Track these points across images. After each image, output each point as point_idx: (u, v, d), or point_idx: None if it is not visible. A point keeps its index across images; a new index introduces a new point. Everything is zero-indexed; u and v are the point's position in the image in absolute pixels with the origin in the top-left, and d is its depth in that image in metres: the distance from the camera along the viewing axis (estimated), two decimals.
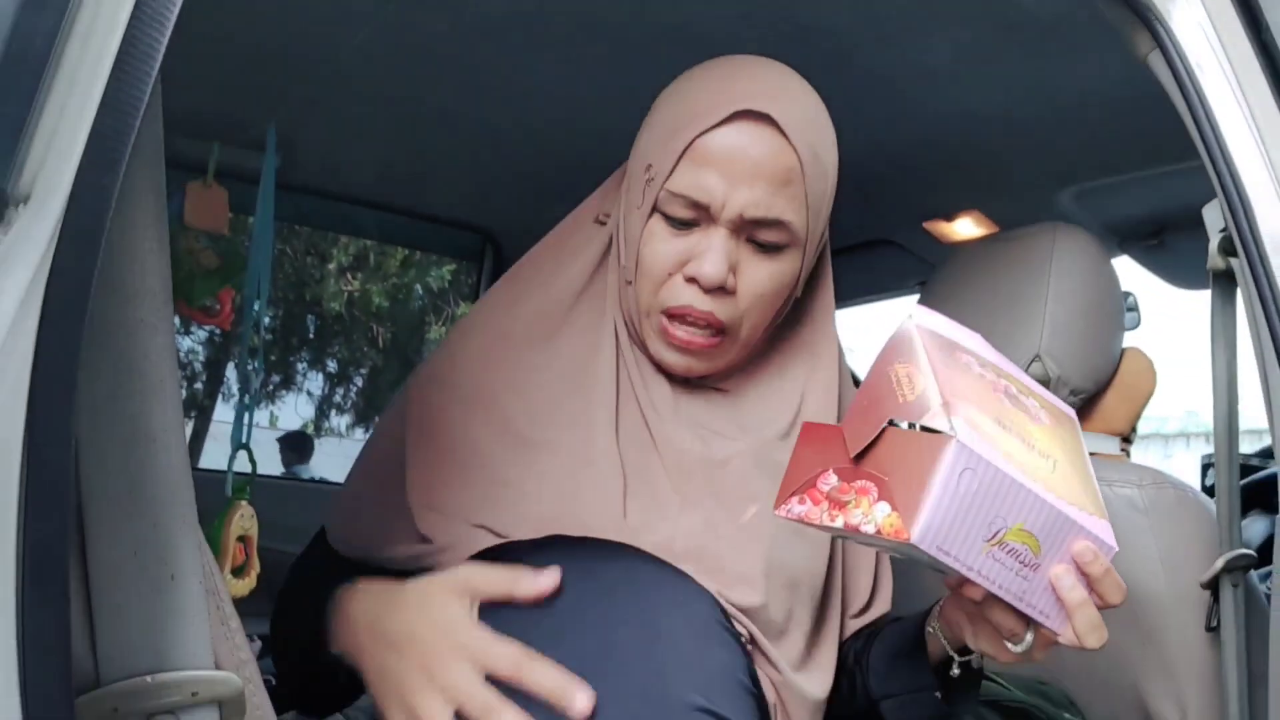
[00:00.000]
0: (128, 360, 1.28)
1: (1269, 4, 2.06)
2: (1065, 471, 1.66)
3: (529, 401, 2.06)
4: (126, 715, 1.27)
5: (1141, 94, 2.21)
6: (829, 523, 1.62)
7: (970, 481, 1.51)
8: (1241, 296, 2.07)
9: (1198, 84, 2.07)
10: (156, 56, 1.18)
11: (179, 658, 1.31)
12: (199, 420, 6.16)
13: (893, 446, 1.59)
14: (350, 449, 9.94)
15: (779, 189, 1.95)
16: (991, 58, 2.70)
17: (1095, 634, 1.65)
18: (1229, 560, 2.13)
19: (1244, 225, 2.00)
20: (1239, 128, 2.04)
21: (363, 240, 7.83)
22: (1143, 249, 3.61)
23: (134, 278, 1.28)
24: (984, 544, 1.55)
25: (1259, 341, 2.01)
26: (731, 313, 1.98)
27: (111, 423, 1.27)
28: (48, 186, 1.09)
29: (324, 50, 2.87)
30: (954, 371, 1.63)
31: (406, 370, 9.63)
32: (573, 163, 3.36)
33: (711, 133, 1.94)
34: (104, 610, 1.27)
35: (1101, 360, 2.66)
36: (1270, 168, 2.01)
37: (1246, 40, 2.06)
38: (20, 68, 1.06)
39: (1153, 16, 2.08)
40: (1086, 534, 1.62)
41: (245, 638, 1.45)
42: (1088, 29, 2.31)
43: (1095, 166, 3.24)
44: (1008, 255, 2.73)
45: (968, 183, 3.48)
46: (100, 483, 1.26)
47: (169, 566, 1.30)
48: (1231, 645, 2.13)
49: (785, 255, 2.01)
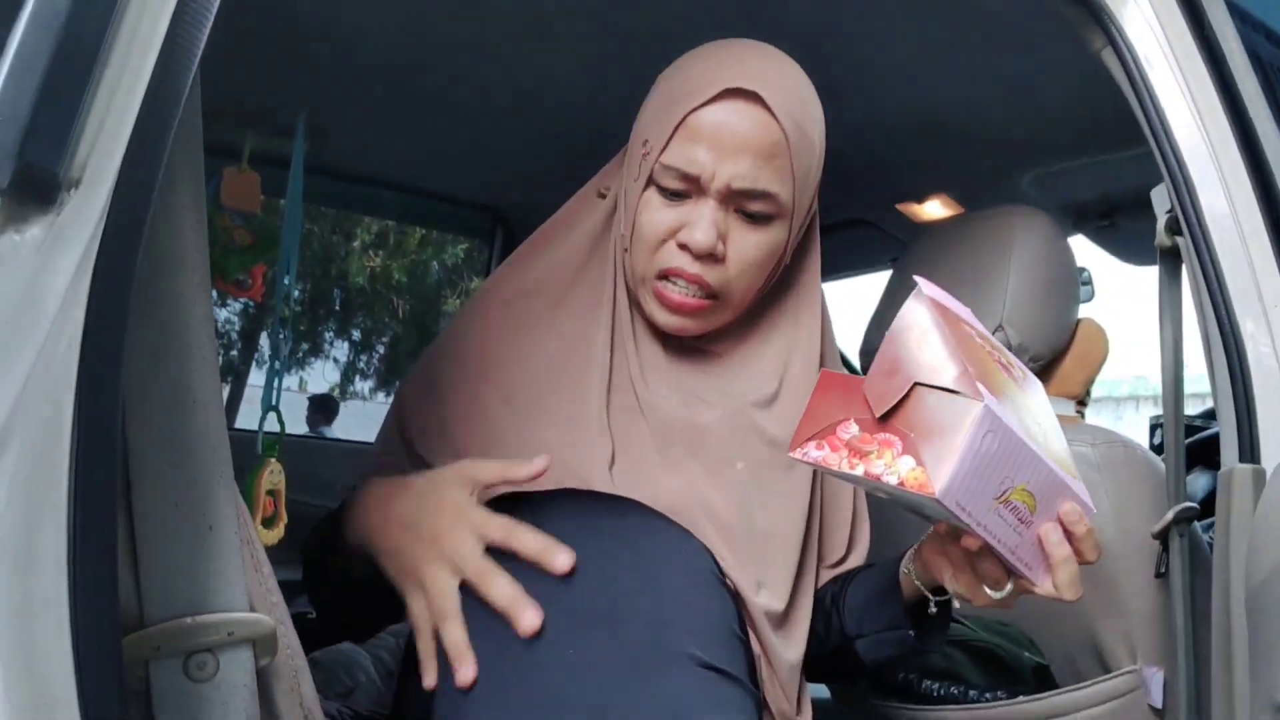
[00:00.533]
0: (170, 329, 1.29)
1: (1211, 4, 2.07)
2: (1050, 434, 1.67)
3: (530, 368, 2.07)
4: (168, 653, 1.28)
5: (1095, 87, 2.22)
6: (848, 470, 1.62)
7: (991, 443, 1.51)
8: (1186, 272, 2.09)
9: (1146, 77, 2.08)
10: (196, 52, 1.19)
11: (216, 601, 1.31)
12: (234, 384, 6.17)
13: (919, 406, 1.59)
14: (373, 411, 9.94)
15: (765, 162, 1.96)
16: (958, 54, 2.71)
17: (1074, 588, 1.66)
18: (1176, 513, 2.13)
19: (1188, 207, 2.01)
20: (1184, 117, 2.05)
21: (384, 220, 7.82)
22: (1096, 228, 3.62)
23: (175, 254, 1.29)
24: (993, 501, 1.56)
25: (1202, 312, 2.03)
26: (720, 278, 1.98)
27: (155, 386, 1.28)
28: (97, 171, 1.09)
29: (349, 46, 2.88)
30: (963, 340, 1.63)
31: (424, 339, 9.61)
32: (576, 148, 3.35)
33: (702, 109, 1.95)
34: (148, 557, 1.28)
35: (1058, 330, 2.67)
36: (1213, 154, 2.02)
37: (1191, 37, 2.08)
38: (71, 63, 1.06)
39: (1105, 16, 2.10)
40: (1073, 496, 1.64)
41: (276, 583, 1.46)
42: (1046, 27, 2.32)
43: (1052, 153, 3.25)
44: (973, 234, 2.73)
45: (937, 168, 3.48)
46: (145, 441, 1.27)
47: (207, 518, 1.31)
48: (1178, 589, 2.14)
49: (773, 225, 2.01)
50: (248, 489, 1.98)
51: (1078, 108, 2.82)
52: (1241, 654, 1.88)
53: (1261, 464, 1.91)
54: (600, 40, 2.78)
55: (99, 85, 1.10)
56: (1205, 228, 2.00)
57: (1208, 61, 2.07)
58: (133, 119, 1.12)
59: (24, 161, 1.01)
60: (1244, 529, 1.88)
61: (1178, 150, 2.04)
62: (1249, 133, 2.03)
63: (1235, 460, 1.94)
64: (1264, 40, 2.17)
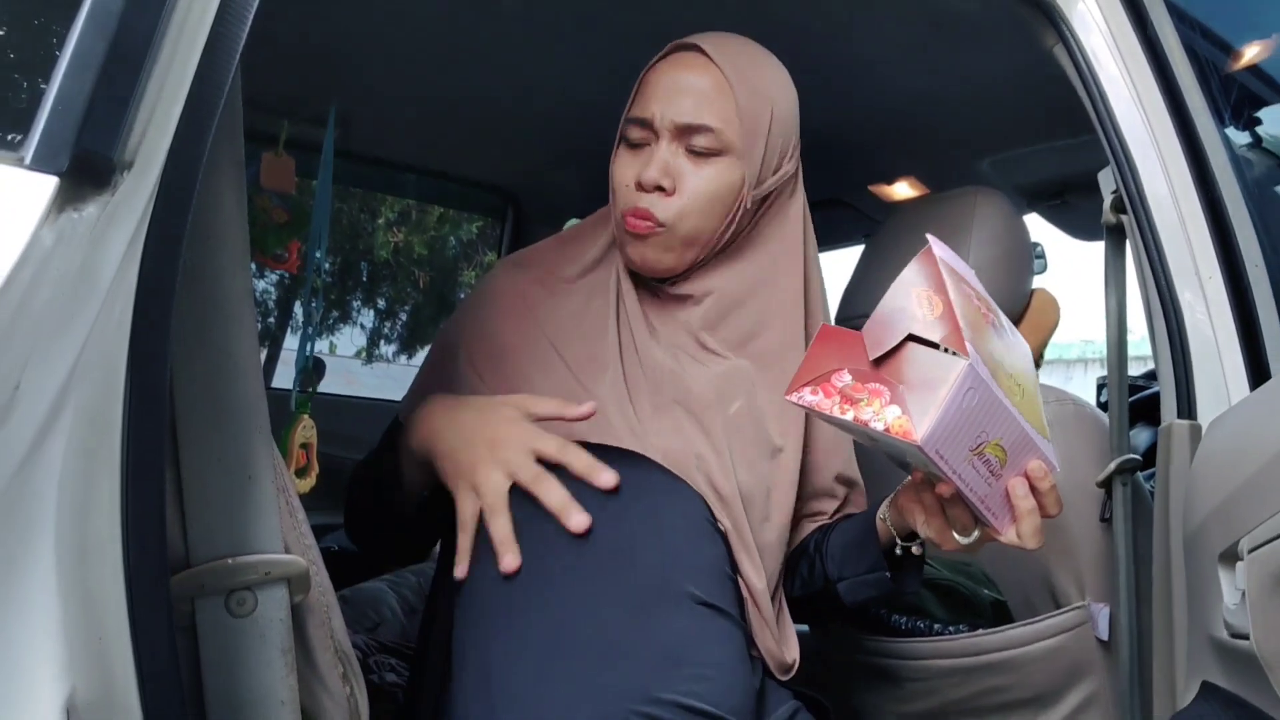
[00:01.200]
0: (213, 298, 1.29)
1: (1152, 4, 2.08)
2: (1029, 397, 1.69)
3: (555, 320, 2.08)
4: (211, 590, 1.30)
5: (1047, 79, 2.23)
6: (839, 415, 1.62)
7: (972, 399, 1.53)
8: (1130, 246, 2.10)
9: (1094, 71, 2.09)
10: (237, 48, 1.19)
11: (254, 543, 1.32)
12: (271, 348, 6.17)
13: (910, 359, 1.60)
14: (396, 373, 9.91)
15: (706, 101, 1.99)
16: (925, 51, 2.71)
17: (1036, 537, 1.69)
18: (1119, 464, 2.14)
19: (1132, 188, 2.02)
20: (1128, 107, 2.06)
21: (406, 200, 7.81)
22: (1048, 207, 3.61)
23: (218, 230, 1.30)
24: (969, 453, 1.58)
25: (1144, 283, 2.04)
26: (668, 211, 1.99)
27: (199, 350, 1.28)
28: (147, 156, 1.10)
29: (376, 45, 2.88)
30: (963, 300, 1.63)
31: (443, 307, 9.61)
32: (578, 135, 3.41)
33: (654, 66, 2.04)
34: (193, 504, 1.29)
35: (1014, 298, 2.67)
36: (1154, 140, 2.03)
37: (1134, 35, 2.09)
38: (125, 58, 1.06)
39: (1057, 16, 2.12)
40: (1040, 454, 1.66)
41: (309, 527, 1.46)
42: (1002, 25, 2.32)
43: (1009, 139, 3.24)
44: (937, 212, 2.73)
45: (905, 153, 3.48)
46: (190, 400, 1.28)
47: (246, 468, 1.31)
48: (1121, 533, 2.15)
49: (720, 161, 2.01)
50: (283, 442, 1.99)
51: (1032, 98, 2.82)
52: (1179, 591, 1.89)
53: (1198, 420, 1.92)
54: (599, 41, 2.78)
55: (149, 79, 1.10)
56: (1147, 207, 2.01)
57: (1149, 57, 2.07)
58: (180, 109, 1.13)
59: (81, 148, 1.02)
60: (1182, 479, 1.89)
61: (1122, 137, 2.05)
62: (1187, 121, 2.04)
63: (1174, 416, 1.95)
64: (1200, 37, 2.17)
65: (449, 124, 3.55)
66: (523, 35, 2.81)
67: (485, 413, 1.88)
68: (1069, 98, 2.15)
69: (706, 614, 1.77)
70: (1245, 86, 2.30)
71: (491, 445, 1.82)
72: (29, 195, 1.00)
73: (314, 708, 1.44)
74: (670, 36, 2.09)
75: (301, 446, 2.05)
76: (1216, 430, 1.84)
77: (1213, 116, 2.06)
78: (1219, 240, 1.98)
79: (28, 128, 1.02)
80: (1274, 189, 2.34)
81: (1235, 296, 1.95)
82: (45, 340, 1.00)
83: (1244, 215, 2.00)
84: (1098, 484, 2.22)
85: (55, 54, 1.04)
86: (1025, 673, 2.36)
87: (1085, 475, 2.27)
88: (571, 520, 1.75)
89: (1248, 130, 2.29)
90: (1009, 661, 2.36)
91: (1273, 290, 1.96)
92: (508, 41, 2.85)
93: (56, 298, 1.01)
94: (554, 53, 2.91)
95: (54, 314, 1.01)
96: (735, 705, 1.73)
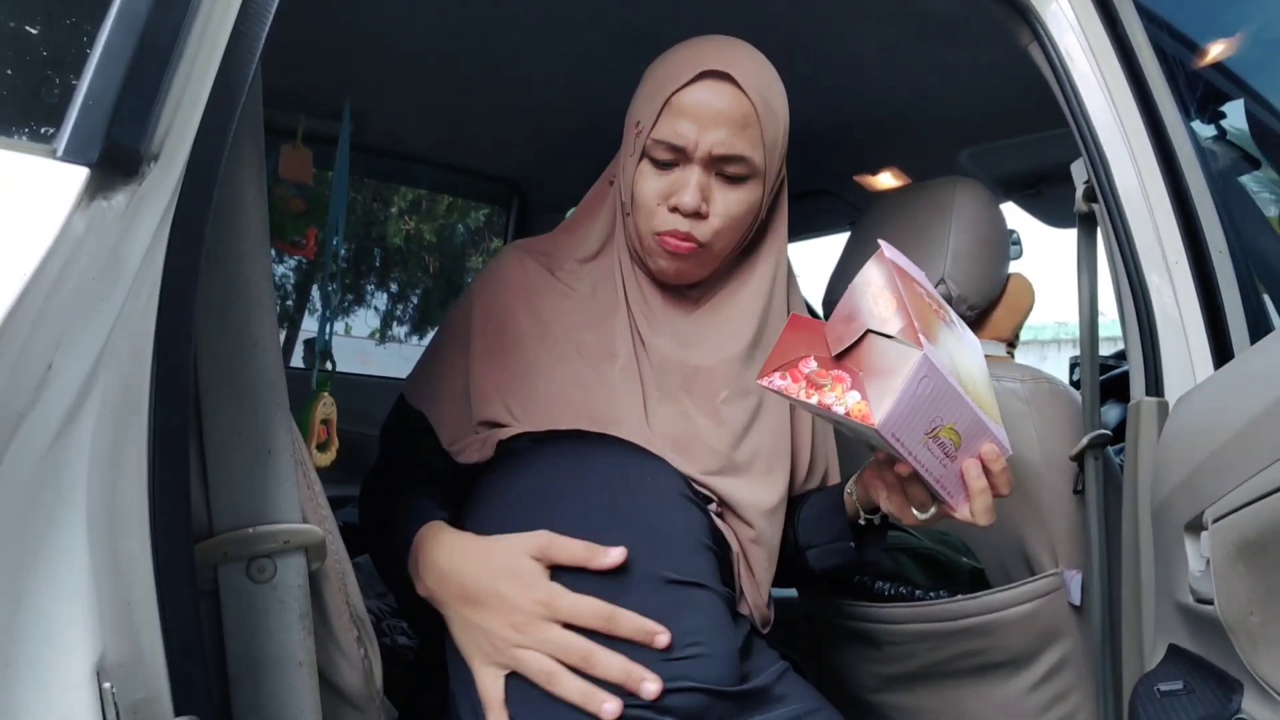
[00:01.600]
0: (235, 282, 1.29)
1: (1122, 5, 2.08)
2: (980, 385, 1.73)
3: (563, 308, 2.08)
4: (233, 558, 1.31)
5: (1023, 76, 2.23)
6: (804, 399, 1.66)
7: (926, 386, 1.57)
8: (1101, 234, 2.10)
9: (1067, 68, 2.09)
10: (257, 48, 1.19)
11: (274, 513, 1.33)
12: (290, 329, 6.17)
13: (869, 350, 1.64)
14: (407, 352, 9.92)
15: (739, 131, 1.98)
16: (907, 49, 2.72)
17: (988, 515, 1.72)
18: (1091, 439, 2.15)
19: (1103, 178, 2.02)
20: (1099, 102, 2.06)
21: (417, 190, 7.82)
22: (1024, 196, 3.62)
23: (239, 219, 1.30)
24: (924, 436, 1.62)
25: (1114, 268, 2.05)
26: (706, 231, 2.00)
27: (222, 331, 1.29)
28: (173, 148, 1.10)
29: (388, 45, 2.89)
30: (913, 298, 1.67)
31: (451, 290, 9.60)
32: (579, 129, 3.43)
33: (684, 90, 1.98)
34: (216, 477, 1.30)
35: (992, 282, 2.67)
36: (1124, 133, 2.03)
37: (1105, 34, 2.09)
38: (152, 55, 1.06)
39: (1032, 16, 2.12)
40: (994, 438, 1.69)
41: (326, 499, 1.47)
42: (981, 26, 2.33)
43: (987, 132, 3.25)
44: (919, 201, 2.73)
45: (888, 145, 3.48)
46: (213, 378, 1.28)
47: (266, 443, 1.32)
48: (1093, 504, 2.16)
49: (748, 185, 2.03)
50: (304, 419, 1.99)
51: (1008, 94, 2.83)
52: (1147, 559, 1.89)
53: (1165, 397, 1.92)
54: (599, 40, 2.79)
55: (174, 75, 1.11)
56: (1117, 196, 2.01)
57: (1119, 54, 2.07)
58: (203, 103, 1.13)
59: (110, 141, 1.02)
60: (1150, 453, 1.89)
61: (1094, 130, 2.05)
62: (1155, 115, 2.04)
63: (1143, 394, 1.95)
64: (1167, 36, 2.17)
65: (457, 119, 3.57)
66: (525, 37, 2.82)
67: (502, 572, 1.75)
68: (1043, 93, 2.15)
69: (675, 590, 1.76)
70: (1210, 82, 2.30)
71: (519, 627, 1.69)
72: (61, 185, 1.00)
73: (330, 668, 1.45)
74: (669, 36, 2.09)
75: (322, 422, 2.04)
76: (1183, 407, 1.84)
77: (1179, 111, 2.06)
78: (1185, 227, 1.98)
79: (60, 122, 1.02)
80: (1237, 179, 2.35)
81: (1200, 281, 1.95)
82: (77, 322, 1.00)
83: (1209, 204, 2.00)
84: (1071, 458, 2.23)
85: (86, 52, 1.04)
86: (1002, 636, 2.36)
87: (1059, 449, 2.28)
88: (603, 710, 1.62)
89: (1212, 123, 2.30)
90: (986, 625, 2.37)
91: (1236, 275, 1.96)
92: (511, 43, 2.86)
93: (87, 282, 1.01)
94: (555, 53, 2.92)
95: (85, 297, 1.01)
96: (720, 674, 1.73)
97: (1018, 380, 2.37)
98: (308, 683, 1.36)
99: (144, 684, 1.06)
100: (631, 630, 1.67)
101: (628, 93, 2.11)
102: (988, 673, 2.41)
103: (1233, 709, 1.50)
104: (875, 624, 2.52)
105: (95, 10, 1.06)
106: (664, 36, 2.09)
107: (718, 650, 1.74)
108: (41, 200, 0.99)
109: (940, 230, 2.61)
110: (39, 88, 1.12)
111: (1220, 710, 1.53)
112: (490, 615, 1.72)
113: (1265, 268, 2.18)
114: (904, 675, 2.54)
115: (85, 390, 1.01)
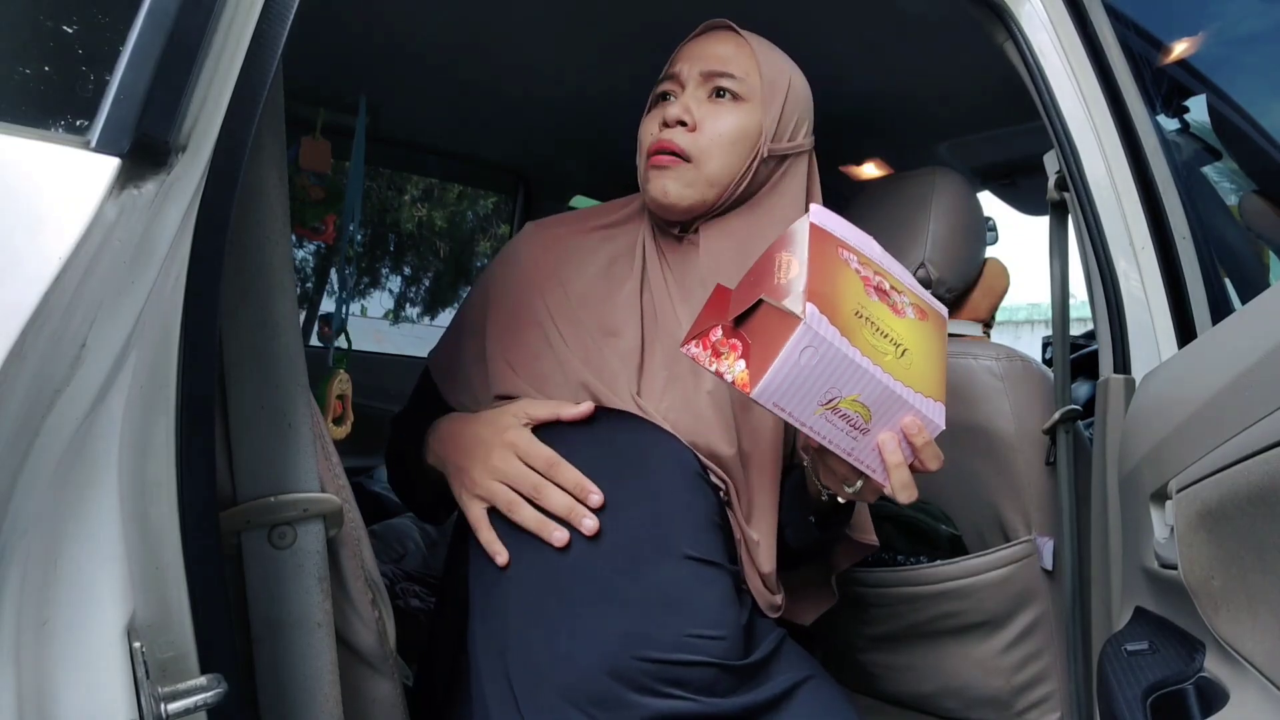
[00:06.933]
0: (257, 265, 1.30)
1: (1092, 5, 2.08)
2: (915, 359, 1.62)
3: (577, 284, 2.05)
4: (256, 525, 1.32)
5: (998, 73, 2.24)
6: (709, 367, 1.59)
7: (811, 357, 1.48)
8: (1071, 221, 2.11)
9: (1040, 65, 2.10)
10: (279, 45, 1.20)
11: (294, 483, 1.34)
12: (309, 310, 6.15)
13: (762, 318, 1.55)
14: (421, 333, 9.90)
15: (730, 55, 2.01)
16: (889, 47, 2.72)
17: (906, 491, 1.61)
18: (1063, 413, 2.16)
19: (1073, 168, 2.03)
20: (1070, 97, 2.07)
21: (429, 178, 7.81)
22: (1000, 186, 3.62)
23: (262, 206, 1.31)
24: (819, 407, 1.53)
25: (1084, 253, 2.06)
26: (691, 143, 1.97)
27: (245, 311, 1.29)
28: (200, 138, 1.10)
29: (402, 41, 2.90)
30: (828, 264, 1.59)
31: (462, 274, 9.60)
32: (583, 120, 3.45)
33: (687, 42, 2.06)
34: (239, 448, 1.31)
35: (969, 266, 2.68)
36: (1093, 127, 2.04)
37: (1075, 32, 2.10)
38: (180, 52, 1.07)
39: (1006, 15, 2.13)
40: (915, 411, 1.58)
41: (343, 469, 1.47)
42: (958, 25, 2.33)
43: (964, 125, 3.26)
44: (901, 191, 2.74)
45: (872, 137, 3.48)
46: (237, 355, 1.29)
47: (287, 417, 1.33)
48: (1064, 475, 2.17)
49: (741, 106, 2.00)
50: (321, 394, 1.99)
51: (985, 89, 2.84)
52: (1115, 527, 1.90)
53: (1132, 374, 1.93)
54: (604, 37, 2.79)
55: (201, 71, 1.11)
56: (1087, 185, 2.02)
57: (1089, 52, 2.08)
58: (228, 97, 1.14)
59: (141, 132, 1.02)
60: (1118, 427, 1.89)
61: (1065, 123, 2.06)
62: (1122, 109, 2.05)
63: (1111, 371, 1.96)
64: (1134, 35, 2.18)
65: (467, 112, 3.57)
66: (532, 33, 2.82)
67: (486, 425, 1.88)
68: (1018, 89, 2.15)
69: (694, 566, 1.75)
70: (1174, 78, 2.31)
71: (487, 459, 1.82)
72: (94, 175, 1.01)
73: (346, 629, 1.46)
74: (667, 35, 2.09)
75: (338, 397, 2.05)
76: (1149, 384, 1.85)
77: (1145, 105, 2.07)
78: (1151, 215, 1.99)
79: (93, 115, 1.03)
80: (1200, 169, 2.35)
81: (1165, 265, 1.96)
82: (109, 302, 1.01)
83: (1173, 193, 2.01)
84: (1043, 431, 2.25)
85: (117, 49, 1.05)
86: (978, 599, 2.37)
87: (1032, 424, 2.29)
88: (552, 538, 1.73)
89: (1177, 117, 2.30)
90: (964, 589, 2.38)
91: (1199, 259, 1.98)
92: (519, 39, 2.86)
93: (119, 265, 1.01)
94: (560, 49, 2.93)
95: (116, 279, 1.01)
96: (730, 650, 1.71)
97: (993, 359, 2.38)
98: (326, 642, 1.37)
99: (171, 643, 1.07)
100: (570, 482, 1.76)
101: (628, 87, 2.11)
102: (966, 633, 2.43)
103: (1195, 667, 1.51)
104: (860, 587, 2.54)
105: (126, 10, 1.06)
106: (662, 37, 2.10)
107: (731, 630, 1.73)
108: (76, 189, 0.99)
109: (921, 218, 2.62)
110: (74, 83, 1.13)
111: (1183, 669, 1.53)
112: (471, 457, 1.85)
113: (1226, 253, 2.19)
114: (888, 635, 2.55)
115: (117, 367, 1.01)
